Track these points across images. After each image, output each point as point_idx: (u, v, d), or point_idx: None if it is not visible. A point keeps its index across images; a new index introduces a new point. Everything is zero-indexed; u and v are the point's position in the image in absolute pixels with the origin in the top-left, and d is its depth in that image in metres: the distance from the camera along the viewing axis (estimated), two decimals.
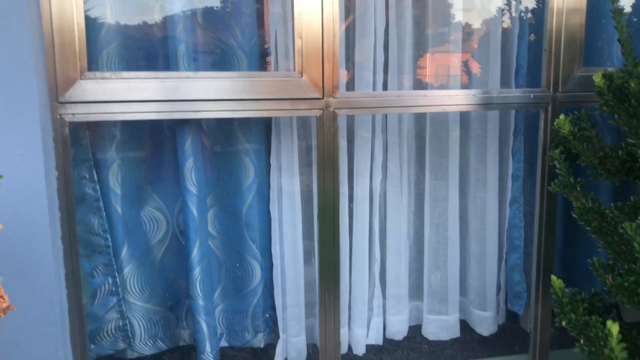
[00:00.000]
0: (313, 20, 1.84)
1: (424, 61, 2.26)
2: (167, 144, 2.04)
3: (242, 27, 2.00)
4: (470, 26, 2.27)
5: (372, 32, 2.13)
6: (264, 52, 2.05)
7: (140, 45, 1.94)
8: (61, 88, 1.69)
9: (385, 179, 2.27)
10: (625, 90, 1.63)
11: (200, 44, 1.97)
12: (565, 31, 2.04)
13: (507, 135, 2.32)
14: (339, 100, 1.91)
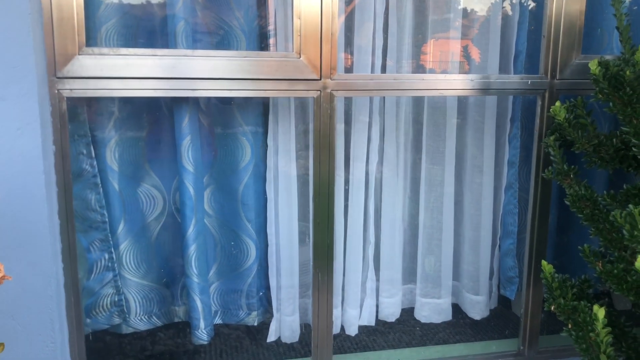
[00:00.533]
0: (311, 3, 1.84)
1: (424, 47, 2.26)
2: (164, 122, 2.05)
3: (242, 7, 2.00)
4: (470, 12, 2.27)
5: (372, 17, 2.12)
6: (263, 33, 2.05)
7: (140, 22, 1.94)
8: (59, 63, 1.69)
9: (381, 162, 2.28)
10: (621, 78, 1.63)
11: (200, 23, 1.97)
12: (565, 18, 2.04)
13: (504, 122, 2.32)
14: (336, 81, 1.91)
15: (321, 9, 1.85)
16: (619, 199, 1.78)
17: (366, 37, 2.14)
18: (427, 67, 2.28)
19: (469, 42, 2.30)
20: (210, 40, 1.99)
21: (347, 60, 2.17)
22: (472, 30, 2.28)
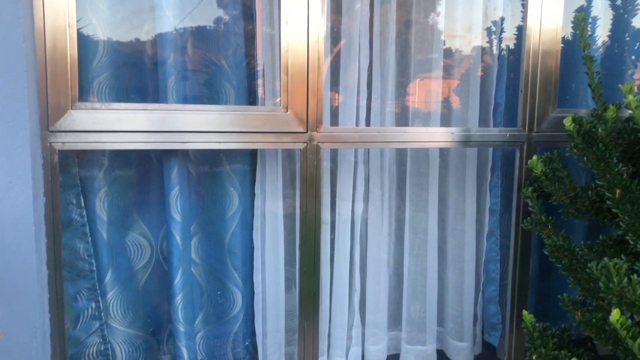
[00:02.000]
0: (299, 58, 1.92)
1: (406, 99, 2.34)
2: (153, 172, 2.09)
3: (231, 62, 2.06)
4: (451, 66, 2.35)
5: (357, 58, 2.20)
6: (252, 87, 2.11)
7: (131, 76, 1.99)
8: (52, 117, 1.74)
9: (366, 210, 2.33)
10: (594, 134, 1.71)
11: (190, 77, 2.03)
12: (541, 73, 2.13)
13: (485, 170, 2.39)
14: (322, 134, 1.97)
15: (307, 66, 1.92)
16: (595, 250, 1.84)
17: (352, 77, 2.21)
18: (411, 114, 2.33)
19: (450, 93, 2.38)
20: (200, 94, 2.05)
21: (334, 100, 2.23)
22: (454, 82, 2.36)
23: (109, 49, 1.94)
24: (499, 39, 2.32)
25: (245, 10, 2.07)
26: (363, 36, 2.18)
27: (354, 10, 2.17)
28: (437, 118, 2.28)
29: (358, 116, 2.22)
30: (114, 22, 1.94)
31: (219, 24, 2.04)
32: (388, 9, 2.20)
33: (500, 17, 2.30)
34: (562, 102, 2.25)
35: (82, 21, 1.87)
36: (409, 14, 2.26)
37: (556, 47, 2.14)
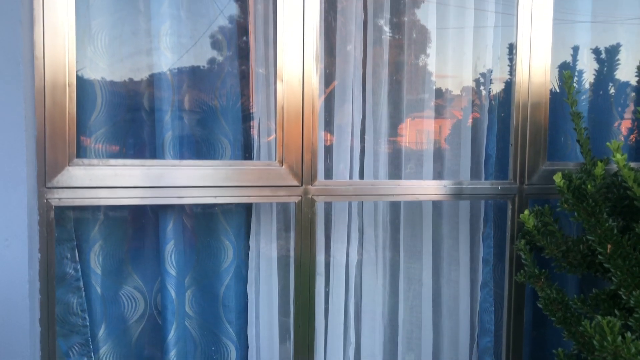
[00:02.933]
0: (294, 113, 1.96)
1: (398, 139, 2.36)
2: (149, 226, 2.09)
3: (228, 118, 2.10)
4: (442, 111, 2.39)
5: (350, 98, 2.24)
6: (248, 142, 2.14)
7: (128, 131, 2.02)
8: (49, 174, 1.75)
9: (361, 262, 2.34)
10: (584, 190, 1.75)
11: (187, 132, 2.06)
12: (530, 127, 2.18)
13: (478, 221, 2.42)
14: (317, 188, 2.00)
15: (302, 122, 1.96)
16: (589, 303, 1.85)
17: (345, 117, 2.25)
18: (404, 148, 2.36)
19: (442, 143, 2.41)
20: (197, 149, 2.07)
21: (327, 140, 2.26)
22: (446, 123, 2.40)
23: (106, 105, 1.97)
24: (488, 93, 2.37)
25: (241, 68, 2.12)
26: (356, 77, 2.23)
27: (346, 51, 2.22)
28: (430, 164, 2.31)
29: (352, 157, 2.25)
30: (112, 79, 1.97)
31: (214, 84, 2.08)
32: (379, 50, 2.26)
33: (489, 69, 2.36)
34: (552, 154, 2.29)
35: (81, 78, 1.90)
36: (400, 56, 2.32)
37: (545, 101, 2.20)
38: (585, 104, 2.49)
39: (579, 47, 2.47)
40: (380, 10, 2.27)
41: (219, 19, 2.08)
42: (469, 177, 2.35)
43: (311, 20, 1.96)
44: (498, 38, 2.35)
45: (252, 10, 2.12)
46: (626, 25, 2.52)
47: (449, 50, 2.34)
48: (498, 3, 2.34)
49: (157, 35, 1.97)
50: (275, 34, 1.99)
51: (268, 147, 2.13)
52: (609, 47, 2.51)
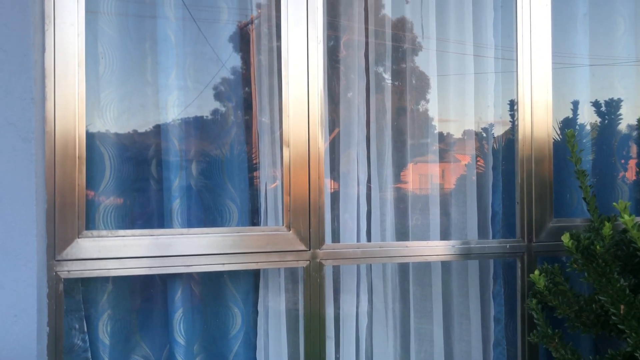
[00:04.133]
0: (300, 178, 1.98)
1: (403, 185, 2.37)
2: (157, 295, 2.08)
3: (234, 183, 2.12)
4: (447, 174, 2.42)
5: (355, 144, 2.26)
6: (254, 206, 2.16)
7: (137, 199, 2.04)
8: (59, 247, 1.76)
9: (371, 322, 2.31)
10: (592, 251, 1.74)
11: (194, 199, 2.08)
12: (535, 183, 2.19)
13: (487, 278, 2.40)
14: (325, 251, 2.00)
15: (309, 187, 1.98)
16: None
17: (350, 164, 2.26)
18: (409, 190, 2.37)
19: (449, 200, 2.41)
20: (205, 215, 2.09)
21: (332, 186, 2.27)
22: (451, 188, 2.41)
23: (115, 175, 1.99)
24: (492, 148, 2.40)
25: (247, 135, 2.16)
26: (359, 123, 2.26)
27: (347, 98, 2.26)
28: (437, 219, 2.31)
29: (359, 206, 2.25)
30: (121, 150, 2.01)
31: (222, 149, 2.11)
32: (381, 97, 2.30)
33: (490, 123, 2.39)
34: (558, 209, 2.29)
35: (90, 150, 1.93)
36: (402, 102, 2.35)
37: (548, 156, 2.21)
38: (589, 155, 2.50)
39: (579, 102, 2.50)
40: (381, 58, 2.33)
41: (225, 90, 2.13)
42: (476, 233, 2.35)
43: (315, 87, 2.01)
44: (499, 87, 2.39)
45: (256, 83, 2.17)
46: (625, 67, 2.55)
47: (449, 101, 2.38)
48: (497, 49, 2.38)
49: (165, 107, 2.02)
50: (280, 101, 2.03)
51: (275, 210, 2.15)
52: (609, 99, 2.54)
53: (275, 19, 2.12)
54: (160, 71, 2.01)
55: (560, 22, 2.37)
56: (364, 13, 2.31)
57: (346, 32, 2.32)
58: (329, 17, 2.26)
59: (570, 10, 2.43)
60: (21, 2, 1.67)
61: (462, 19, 2.35)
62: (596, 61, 2.52)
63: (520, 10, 2.21)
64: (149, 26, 2.03)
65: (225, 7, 2.14)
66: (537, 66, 2.23)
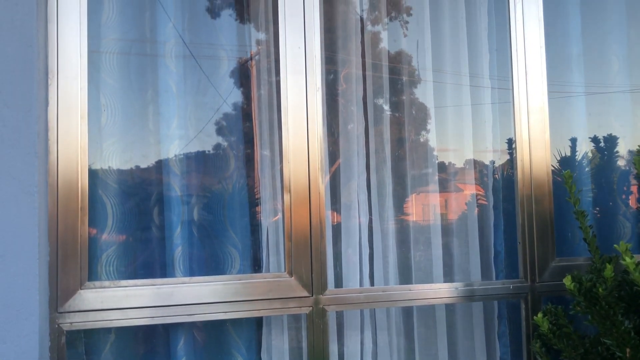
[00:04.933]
0: (302, 223, 1.99)
1: (405, 216, 2.38)
2: (160, 343, 2.07)
3: (236, 229, 2.13)
4: (450, 211, 2.42)
5: (355, 175, 2.28)
6: (256, 251, 2.16)
7: (139, 248, 2.05)
8: (61, 299, 1.77)
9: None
10: (595, 293, 1.73)
11: (196, 246, 2.08)
12: (537, 223, 2.20)
13: (492, 319, 2.38)
14: (327, 297, 2.00)
15: (310, 232, 1.99)
16: None
17: (351, 195, 2.27)
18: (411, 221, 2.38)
19: (450, 241, 2.42)
20: (207, 263, 2.09)
21: (334, 218, 2.27)
22: (452, 230, 2.41)
23: (117, 224, 2.01)
24: (492, 187, 2.41)
25: (248, 183, 2.17)
26: (360, 155, 2.29)
27: (347, 130, 2.29)
28: (440, 269, 2.31)
29: (360, 240, 2.26)
30: (123, 199, 2.02)
31: (224, 195, 2.12)
32: (382, 129, 2.32)
33: (490, 160, 2.40)
34: (559, 249, 2.28)
35: (93, 200, 1.95)
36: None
37: (548, 196, 2.22)
38: (589, 193, 2.51)
39: (577, 139, 2.52)
40: (378, 91, 2.36)
41: (227, 141, 2.16)
42: (479, 272, 2.34)
43: (315, 134, 2.03)
44: (497, 128, 2.41)
45: (258, 146, 2.20)
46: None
47: (448, 133, 2.40)
48: (494, 92, 2.41)
49: (167, 156, 2.04)
50: (281, 147, 2.05)
51: (277, 254, 2.15)
52: (607, 136, 2.56)
53: (274, 55, 2.16)
54: (162, 121, 2.04)
55: (555, 63, 2.41)
56: (360, 47, 2.35)
57: (345, 66, 2.36)
58: (328, 52, 2.31)
59: (564, 51, 2.48)
60: (25, 58, 1.71)
61: (459, 62, 2.39)
62: (592, 99, 2.55)
63: (515, 54, 2.25)
64: (151, 77, 2.07)
65: (225, 44, 2.18)
66: (534, 106, 2.26)
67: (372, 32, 2.42)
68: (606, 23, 2.57)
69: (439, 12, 2.41)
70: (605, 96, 2.56)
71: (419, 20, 2.40)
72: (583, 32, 2.50)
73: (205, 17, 2.20)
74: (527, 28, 2.25)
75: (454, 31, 2.40)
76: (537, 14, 2.27)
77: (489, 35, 2.39)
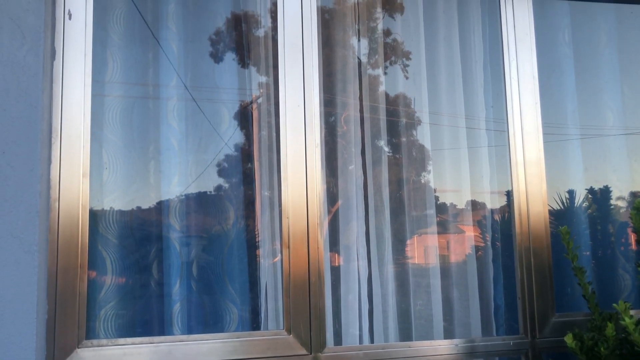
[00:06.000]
0: (300, 280, 1.99)
1: (404, 260, 2.37)
2: None
3: (235, 285, 2.12)
4: (447, 266, 2.41)
5: (355, 217, 2.28)
6: (255, 309, 2.16)
7: (137, 303, 2.04)
8: (58, 358, 1.75)
9: None
10: (597, 353, 1.72)
11: (195, 302, 2.08)
12: (536, 278, 2.19)
13: None
14: (327, 355, 1.98)
15: (309, 289, 1.98)
16: None
17: (350, 237, 2.26)
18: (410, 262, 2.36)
19: (449, 298, 2.40)
20: (205, 320, 2.08)
21: (335, 260, 2.27)
22: (451, 286, 2.41)
23: (116, 281, 2.01)
24: (492, 239, 2.41)
25: (248, 236, 2.19)
26: (358, 197, 2.30)
27: (348, 171, 2.31)
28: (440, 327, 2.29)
29: (360, 293, 2.25)
30: (122, 254, 2.03)
31: (222, 251, 2.13)
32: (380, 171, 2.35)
33: (489, 209, 2.41)
34: (560, 301, 2.27)
35: (92, 257, 1.96)
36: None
37: (547, 252, 2.23)
38: (588, 246, 2.51)
39: (575, 192, 2.54)
40: (378, 133, 2.40)
41: (226, 196, 2.18)
42: (479, 327, 2.32)
43: (314, 189, 2.05)
44: (494, 181, 2.44)
45: (258, 191, 2.23)
46: None
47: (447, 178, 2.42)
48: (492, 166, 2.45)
49: (167, 214, 2.06)
50: (280, 202, 2.07)
51: (276, 311, 2.14)
52: (603, 188, 2.58)
53: (274, 98, 2.19)
54: (163, 179, 2.07)
55: (550, 116, 2.46)
56: (359, 92, 2.40)
57: (346, 109, 2.39)
58: (328, 95, 2.35)
59: (560, 106, 2.52)
60: (30, 119, 1.74)
61: (456, 115, 2.43)
62: (588, 151, 2.58)
63: (510, 110, 2.29)
64: (153, 134, 2.10)
65: (227, 87, 2.23)
66: (530, 159, 2.29)
67: (371, 76, 2.47)
68: (600, 80, 2.63)
69: (435, 69, 2.47)
70: (601, 148, 2.59)
71: (415, 72, 2.46)
72: (577, 88, 2.56)
73: (208, 65, 2.25)
74: (522, 87, 2.31)
75: (450, 87, 2.46)
76: (531, 72, 2.32)
77: (485, 91, 2.45)
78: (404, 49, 2.50)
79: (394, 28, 2.52)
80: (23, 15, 1.78)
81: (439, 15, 2.49)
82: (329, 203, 2.31)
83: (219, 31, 2.28)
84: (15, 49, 1.76)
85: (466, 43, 2.47)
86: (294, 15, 2.13)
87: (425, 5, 2.48)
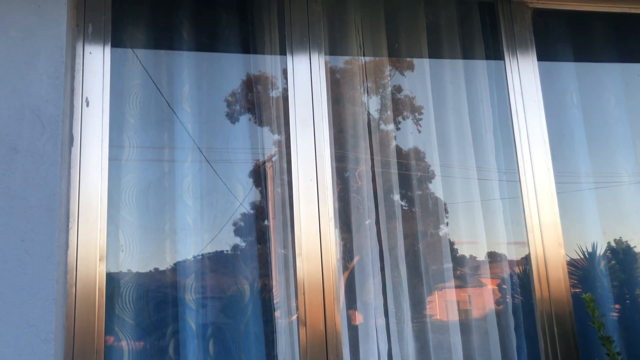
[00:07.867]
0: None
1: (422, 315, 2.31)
2: None
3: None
4: (467, 311, 2.35)
5: (371, 274, 2.24)
6: None
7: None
8: None
9: None
10: None
11: None
12: (560, 348, 2.13)
13: None
14: None
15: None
16: None
17: (368, 294, 2.22)
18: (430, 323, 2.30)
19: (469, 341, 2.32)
20: None
21: (353, 318, 2.20)
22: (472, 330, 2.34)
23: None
24: (513, 309, 2.36)
25: (264, 317, 2.17)
26: (374, 251, 2.26)
27: (364, 226, 2.28)
28: None
29: (378, 344, 2.19)
30: (138, 335, 2.01)
31: (239, 329, 2.11)
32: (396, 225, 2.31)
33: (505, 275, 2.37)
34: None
35: (108, 340, 1.95)
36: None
37: (570, 319, 2.17)
38: (612, 311, 2.44)
39: (595, 254, 2.49)
40: (392, 187, 2.38)
41: (244, 277, 2.18)
42: None
43: (329, 263, 2.04)
44: (511, 246, 2.40)
45: (274, 255, 2.22)
46: None
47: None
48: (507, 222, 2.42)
49: (183, 291, 2.06)
50: (295, 279, 2.06)
51: None
52: (625, 247, 2.53)
53: (286, 156, 2.22)
54: (179, 258, 2.08)
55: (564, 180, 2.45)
56: (369, 148, 2.39)
57: (360, 164, 2.39)
58: (341, 151, 2.35)
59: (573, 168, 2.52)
60: (49, 207, 1.77)
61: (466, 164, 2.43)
62: (605, 213, 2.54)
63: (525, 192, 2.30)
64: (169, 215, 2.12)
65: (241, 147, 2.27)
66: (545, 224, 2.26)
67: (384, 131, 2.47)
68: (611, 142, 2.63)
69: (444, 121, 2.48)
70: (616, 205, 2.56)
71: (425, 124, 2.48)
72: (590, 150, 2.56)
73: (222, 141, 2.29)
74: (534, 152, 2.31)
75: (461, 153, 2.47)
76: (541, 136, 2.33)
77: (497, 157, 2.44)
78: (416, 114, 2.53)
79: (402, 100, 2.56)
80: (43, 106, 1.84)
81: (446, 85, 2.52)
82: (346, 259, 2.28)
83: (232, 110, 2.34)
84: (35, 138, 1.81)
85: (475, 111, 2.49)
86: (303, 84, 2.20)
87: (433, 74, 2.51)
